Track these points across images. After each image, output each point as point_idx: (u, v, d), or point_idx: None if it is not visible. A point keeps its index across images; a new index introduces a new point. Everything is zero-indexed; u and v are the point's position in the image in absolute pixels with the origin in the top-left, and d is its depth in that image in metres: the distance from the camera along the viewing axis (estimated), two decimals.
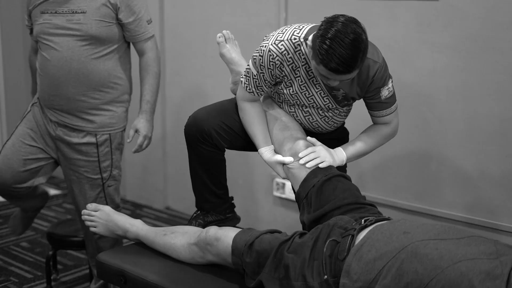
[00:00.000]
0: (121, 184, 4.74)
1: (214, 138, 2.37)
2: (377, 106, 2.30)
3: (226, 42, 2.59)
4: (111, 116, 2.80)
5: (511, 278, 1.60)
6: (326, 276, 1.88)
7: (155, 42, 2.90)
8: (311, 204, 2.18)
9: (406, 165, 3.23)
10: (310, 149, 2.28)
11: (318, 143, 2.32)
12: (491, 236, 2.87)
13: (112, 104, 2.80)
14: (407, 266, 1.71)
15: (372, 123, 2.41)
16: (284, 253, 1.99)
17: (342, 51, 1.95)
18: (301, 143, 2.31)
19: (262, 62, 2.24)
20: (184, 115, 4.19)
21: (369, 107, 2.33)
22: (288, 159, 2.28)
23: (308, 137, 2.34)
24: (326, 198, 2.15)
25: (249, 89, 2.33)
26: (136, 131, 2.90)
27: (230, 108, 2.45)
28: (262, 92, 2.35)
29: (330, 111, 2.36)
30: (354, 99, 2.33)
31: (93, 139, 2.76)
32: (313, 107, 2.35)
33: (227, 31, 2.61)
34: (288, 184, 3.65)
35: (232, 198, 2.61)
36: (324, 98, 2.30)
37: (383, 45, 3.17)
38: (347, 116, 2.45)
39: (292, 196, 3.64)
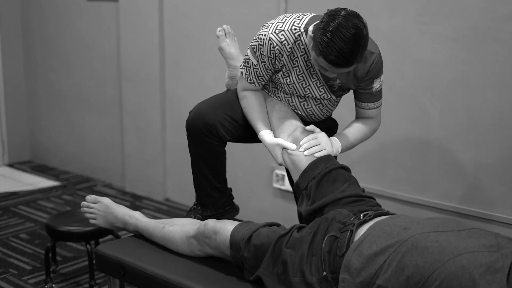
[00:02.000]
0: (120, 176, 4.76)
1: (219, 131, 2.36)
2: (366, 97, 2.34)
3: (226, 37, 2.60)
4: None
5: None
6: (325, 273, 1.88)
7: None
8: (310, 196, 2.17)
9: (406, 156, 3.22)
10: (312, 136, 2.28)
11: (318, 129, 2.33)
12: (492, 228, 2.87)
13: None
14: (407, 260, 1.70)
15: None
16: (282, 248, 1.98)
17: (342, 45, 1.97)
18: (301, 129, 2.32)
19: (262, 51, 2.24)
20: (184, 106, 4.20)
21: (359, 98, 2.36)
22: (291, 145, 2.28)
23: (308, 126, 2.34)
24: (326, 190, 2.15)
25: (250, 80, 2.34)
26: None
27: (231, 99, 2.44)
28: (263, 82, 2.35)
29: (325, 100, 2.38)
30: (349, 89, 2.36)
31: None
32: (309, 97, 2.36)
33: (228, 26, 2.60)
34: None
35: (230, 190, 2.60)
36: (320, 88, 2.32)
37: (384, 36, 3.16)
38: (337, 105, 2.48)
39: (291, 188, 3.62)
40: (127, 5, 4.36)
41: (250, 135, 2.45)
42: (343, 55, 1.98)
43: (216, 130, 2.36)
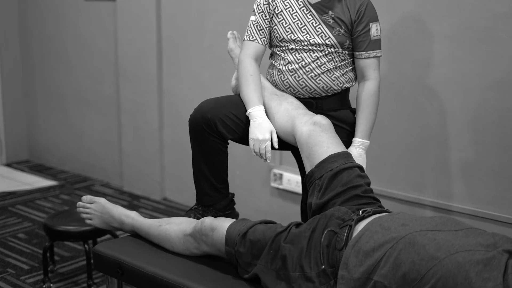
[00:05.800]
0: (118, 175, 4.76)
1: (218, 127, 2.37)
2: (366, 44, 2.39)
3: (236, 40, 2.68)
4: None
5: (508, 269, 1.60)
6: (323, 266, 1.88)
7: None
8: (322, 188, 2.16)
9: (404, 155, 3.22)
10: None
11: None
12: (490, 227, 2.87)
13: None
14: (404, 257, 1.71)
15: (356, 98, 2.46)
16: (280, 244, 1.98)
17: None
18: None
19: (259, 2, 2.46)
20: (181, 105, 4.20)
21: (358, 46, 2.41)
22: (275, 143, 2.34)
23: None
24: (340, 184, 2.14)
25: (252, 38, 2.46)
26: None
27: (239, 100, 2.45)
28: (264, 38, 2.46)
29: (324, 50, 2.39)
30: (346, 27, 2.37)
31: None
32: (309, 45, 2.39)
33: (236, 32, 2.70)
34: (285, 175, 3.64)
35: (233, 195, 2.60)
36: (317, 28, 2.37)
37: (382, 35, 3.16)
38: (343, 75, 2.44)
39: (289, 187, 3.63)
40: (124, 5, 4.36)
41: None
42: None
43: (215, 126, 2.37)
